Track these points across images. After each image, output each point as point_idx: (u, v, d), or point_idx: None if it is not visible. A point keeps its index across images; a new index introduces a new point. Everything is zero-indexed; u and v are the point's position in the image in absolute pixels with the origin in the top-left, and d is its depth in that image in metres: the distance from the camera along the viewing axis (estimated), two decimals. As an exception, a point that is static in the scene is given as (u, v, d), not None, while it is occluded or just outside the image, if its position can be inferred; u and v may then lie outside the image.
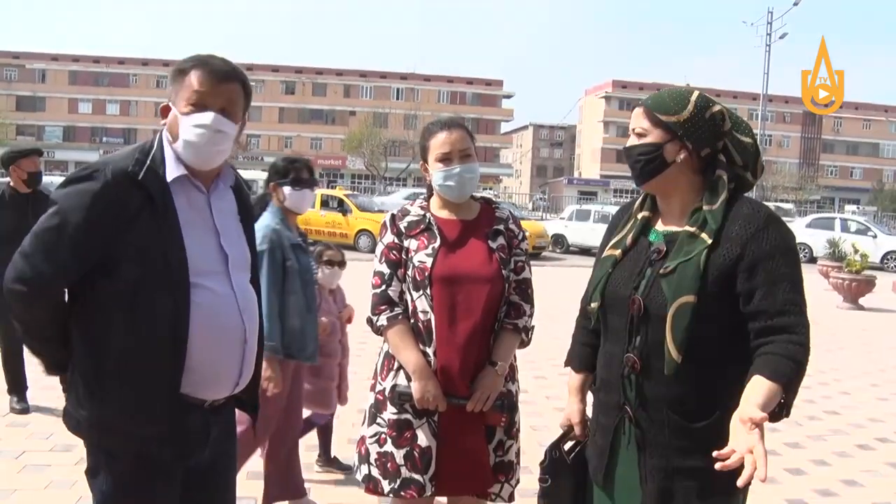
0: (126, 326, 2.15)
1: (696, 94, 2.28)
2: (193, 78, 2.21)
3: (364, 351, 8.44)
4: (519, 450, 3.04)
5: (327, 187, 32.24)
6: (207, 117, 2.21)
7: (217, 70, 2.23)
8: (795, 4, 39.02)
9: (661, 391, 2.19)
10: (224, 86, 2.25)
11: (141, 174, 2.17)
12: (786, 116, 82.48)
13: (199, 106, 2.21)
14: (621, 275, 2.30)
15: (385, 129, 64.42)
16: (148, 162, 2.21)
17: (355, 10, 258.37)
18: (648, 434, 2.22)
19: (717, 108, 2.26)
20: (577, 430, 2.57)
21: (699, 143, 2.23)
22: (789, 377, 1.98)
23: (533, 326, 3.00)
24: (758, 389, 1.96)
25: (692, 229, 2.19)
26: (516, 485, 3.02)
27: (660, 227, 2.34)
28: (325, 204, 24.04)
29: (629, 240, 2.35)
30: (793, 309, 2.07)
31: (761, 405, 1.92)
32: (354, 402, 6.37)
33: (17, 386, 5.95)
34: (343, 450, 5.14)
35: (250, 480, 4.66)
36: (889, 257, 24.91)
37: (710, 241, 2.13)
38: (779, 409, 2.01)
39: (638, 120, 2.29)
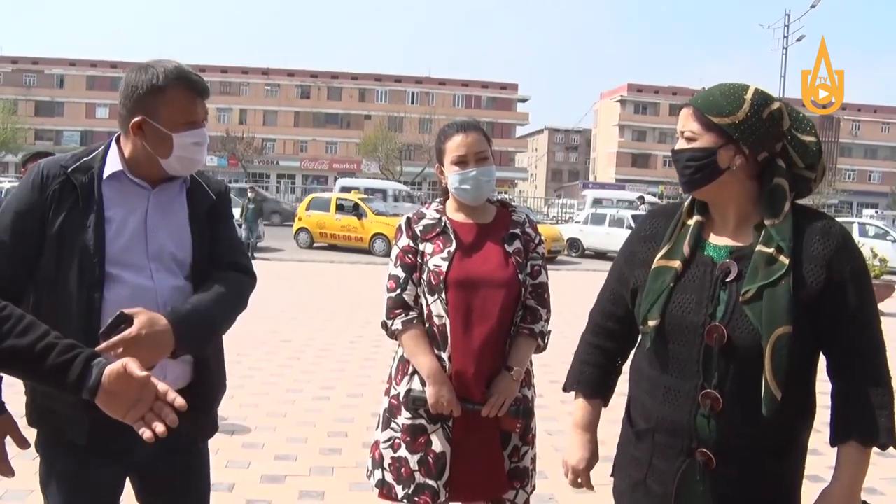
0: (47, 313, 2.18)
1: (751, 90, 2.02)
2: (180, 95, 2.24)
3: (378, 354, 8.47)
4: (535, 456, 3.01)
5: (342, 191, 32.29)
6: (202, 134, 2.31)
7: (198, 85, 2.28)
8: (813, 7, 38.81)
9: (747, 431, 1.95)
10: (204, 99, 2.32)
11: (70, 168, 2.26)
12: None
13: (192, 123, 2.27)
14: (687, 296, 2.02)
15: (400, 133, 64.53)
16: (85, 158, 2.30)
17: (370, 15, 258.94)
18: (730, 478, 1.98)
19: (775, 105, 2.01)
20: (584, 483, 2.35)
21: (756, 147, 1.99)
22: (886, 427, 1.90)
23: (549, 331, 2.97)
24: (849, 461, 1.94)
25: (767, 250, 1.95)
26: (532, 491, 2.99)
27: (714, 239, 2.09)
28: (340, 208, 24.14)
29: (686, 249, 2.07)
30: (872, 339, 1.96)
31: (850, 483, 1.95)
32: (369, 406, 6.41)
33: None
34: (358, 454, 5.13)
35: (264, 484, 4.67)
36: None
37: (788, 263, 1.92)
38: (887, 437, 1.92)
39: (686, 122, 2.05)
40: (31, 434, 2.38)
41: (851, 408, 1.94)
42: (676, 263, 2.06)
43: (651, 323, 2.05)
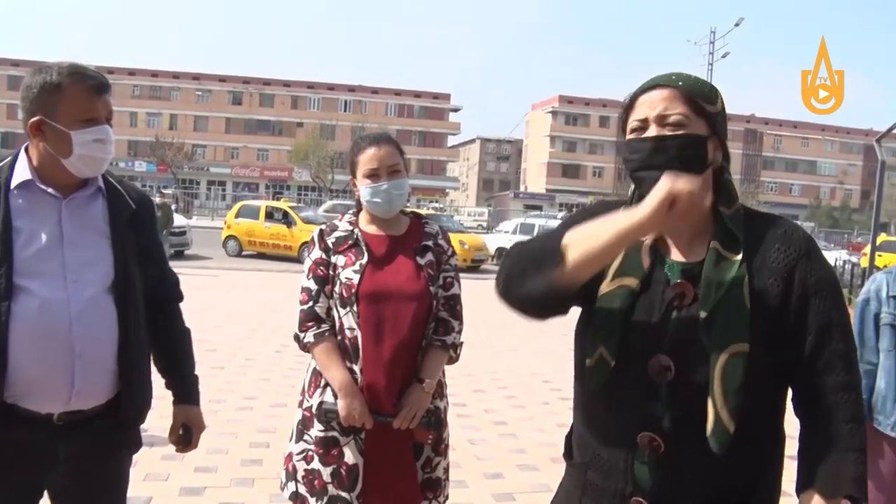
0: None
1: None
2: (76, 91, 2.20)
3: (303, 364, 8.38)
4: (447, 466, 3.04)
5: (273, 199, 32.02)
6: (104, 131, 2.25)
7: (97, 81, 2.24)
8: (737, 25, 40.01)
9: (693, 478, 1.66)
10: (106, 96, 2.27)
11: None
12: (728, 133, 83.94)
13: (92, 120, 2.23)
14: (637, 322, 1.72)
15: (332, 140, 64.17)
16: None
17: (304, 22, 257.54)
18: None
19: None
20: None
21: (724, 144, 1.78)
22: (854, 476, 1.60)
23: (461, 343, 3.00)
24: None
25: (718, 245, 1.70)
26: (444, 501, 3.01)
27: (670, 254, 1.79)
28: (269, 216, 23.99)
29: (647, 264, 1.76)
30: (844, 365, 1.66)
31: None
32: (292, 416, 6.32)
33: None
34: (280, 465, 5.06)
35: (182, 497, 4.61)
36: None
37: (738, 259, 1.67)
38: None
39: (672, 104, 1.71)
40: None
41: (813, 450, 1.65)
42: (634, 282, 1.74)
43: (612, 364, 1.73)
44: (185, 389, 2.66)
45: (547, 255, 1.70)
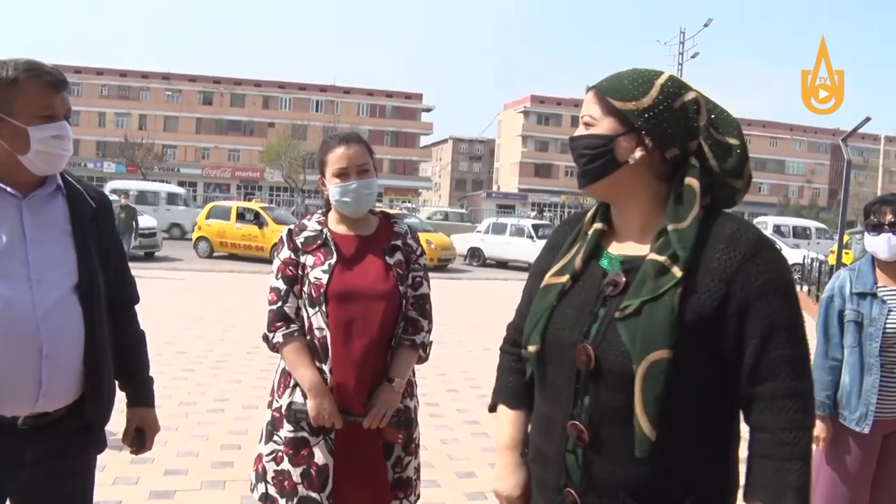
0: None
1: (665, 76, 1.76)
2: (33, 87, 2.17)
3: (275, 366, 8.34)
4: (418, 466, 3.04)
5: (244, 200, 31.83)
6: (63, 127, 2.23)
7: (55, 77, 2.22)
8: (706, 26, 40.36)
9: (617, 472, 1.66)
10: (64, 92, 2.25)
11: None
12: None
13: (50, 117, 2.20)
14: (568, 312, 1.76)
15: (304, 141, 63.84)
16: None
17: (275, 21, 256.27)
18: None
19: (690, 95, 1.76)
20: None
21: (664, 141, 1.71)
22: (797, 486, 1.58)
23: (431, 342, 3.01)
24: None
25: (660, 258, 1.66)
26: (416, 501, 3.02)
27: (614, 249, 1.81)
28: (241, 217, 23.91)
29: (578, 262, 1.80)
30: (791, 371, 1.62)
31: None
32: (261, 419, 6.30)
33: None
34: (251, 467, 5.06)
35: (152, 500, 4.58)
36: (793, 269, 25.77)
37: (681, 276, 1.62)
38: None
39: (587, 106, 1.78)
40: None
41: (757, 458, 1.65)
42: (565, 278, 1.80)
43: (531, 348, 1.80)
44: (140, 392, 2.65)
45: (494, 391, 2.08)
